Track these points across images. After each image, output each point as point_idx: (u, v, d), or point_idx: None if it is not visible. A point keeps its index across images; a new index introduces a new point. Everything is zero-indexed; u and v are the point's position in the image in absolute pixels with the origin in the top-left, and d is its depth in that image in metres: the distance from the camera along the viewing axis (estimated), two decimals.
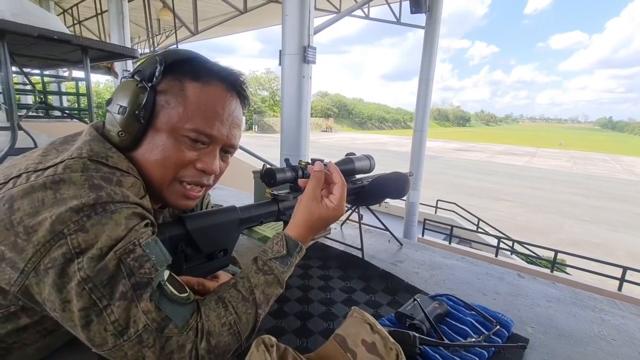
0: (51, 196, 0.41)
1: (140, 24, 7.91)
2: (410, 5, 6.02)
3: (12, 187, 0.42)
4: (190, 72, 0.53)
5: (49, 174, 0.43)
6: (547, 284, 0.96)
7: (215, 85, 0.54)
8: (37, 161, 0.46)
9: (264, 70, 66.53)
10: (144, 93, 0.50)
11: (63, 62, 2.52)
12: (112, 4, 5.29)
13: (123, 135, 0.51)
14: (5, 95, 1.83)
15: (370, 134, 66.89)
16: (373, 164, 1.03)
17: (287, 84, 3.33)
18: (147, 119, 0.51)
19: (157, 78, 0.51)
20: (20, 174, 0.44)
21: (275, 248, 0.57)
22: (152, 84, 0.51)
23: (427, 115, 6.94)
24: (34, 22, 1.68)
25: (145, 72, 0.52)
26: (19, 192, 0.42)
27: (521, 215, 13.03)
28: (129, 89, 0.51)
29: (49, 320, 0.47)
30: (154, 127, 0.52)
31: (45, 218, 0.40)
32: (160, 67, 0.51)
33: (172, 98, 0.52)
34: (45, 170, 0.44)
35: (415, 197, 7.02)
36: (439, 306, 0.71)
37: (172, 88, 0.52)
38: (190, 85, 0.52)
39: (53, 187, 0.42)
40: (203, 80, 0.53)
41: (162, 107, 0.52)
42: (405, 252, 1.13)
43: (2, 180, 0.44)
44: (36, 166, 0.45)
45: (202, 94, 0.53)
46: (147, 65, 0.52)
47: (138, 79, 0.51)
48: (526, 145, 53.99)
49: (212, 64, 0.56)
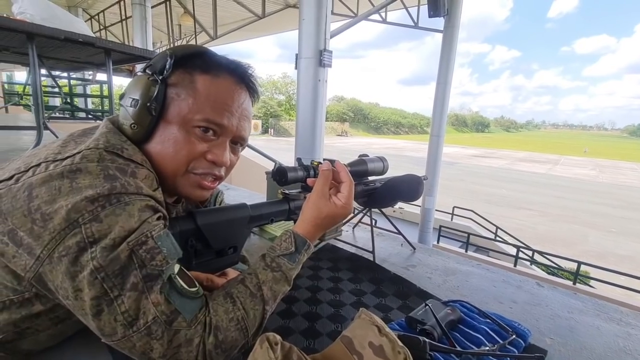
0: (67, 185, 0.42)
1: (162, 29, 8.17)
2: (429, 9, 5.96)
3: (32, 176, 0.44)
4: (200, 65, 0.54)
5: (67, 164, 0.44)
6: (568, 294, 0.91)
7: (224, 78, 0.55)
8: (56, 151, 0.47)
9: (281, 74, 67.40)
10: (155, 86, 0.51)
11: (88, 64, 2.62)
12: (136, 10, 5.48)
13: (135, 128, 0.52)
14: (33, 96, 1.92)
15: (386, 139, 66.46)
16: (386, 166, 1.02)
17: (302, 88, 3.35)
18: (159, 112, 0.52)
19: (167, 71, 0.52)
20: (39, 163, 0.45)
21: (284, 245, 0.57)
22: (163, 76, 0.52)
23: (444, 120, 6.83)
24: (61, 26, 1.75)
25: (157, 66, 0.53)
26: (37, 180, 0.43)
27: (542, 224, 12.59)
28: (140, 82, 0.52)
29: (61, 308, 0.48)
30: (165, 119, 0.53)
31: (61, 206, 0.41)
32: (170, 60, 0.52)
33: (183, 90, 0.52)
34: (64, 160, 0.45)
35: (430, 203, 6.90)
36: (452, 312, 0.69)
37: (182, 81, 0.53)
38: (200, 78, 0.53)
39: (70, 175, 0.43)
40: (212, 72, 0.54)
41: (172, 100, 0.52)
42: (418, 256, 1.10)
43: (23, 168, 0.45)
44: (55, 156, 0.46)
45: (212, 86, 0.53)
46: (159, 60, 0.53)
47: (149, 73, 0.52)
48: (548, 152, 52.30)
49: (221, 57, 0.56)
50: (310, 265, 0.95)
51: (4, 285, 0.45)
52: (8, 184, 0.44)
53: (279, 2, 8.04)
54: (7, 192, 0.43)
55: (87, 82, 5.07)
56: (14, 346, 0.49)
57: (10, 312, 0.46)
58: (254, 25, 8.16)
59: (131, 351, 0.43)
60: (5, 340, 0.47)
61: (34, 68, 1.75)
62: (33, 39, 1.69)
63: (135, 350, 0.43)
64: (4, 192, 0.43)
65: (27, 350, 0.52)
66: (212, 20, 6.90)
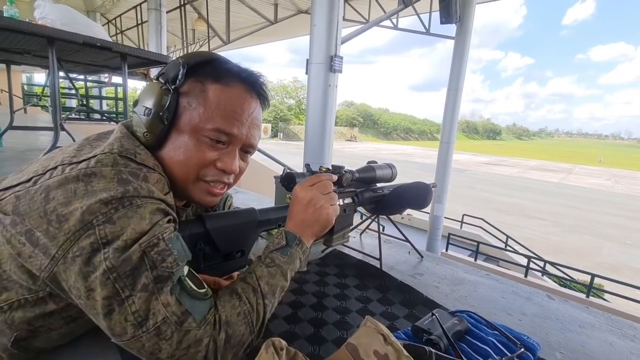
0: (83, 188, 0.44)
1: (177, 34, 8.34)
2: (441, 16, 5.95)
3: (49, 178, 0.45)
4: (212, 74, 0.55)
5: (82, 167, 0.45)
6: (580, 307, 0.89)
7: (235, 87, 0.56)
8: (72, 155, 0.49)
9: (292, 79, 67.90)
10: (168, 95, 0.52)
11: (104, 68, 2.69)
12: (152, 15, 5.61)
13: (148, 136, 0.53)
14: (51, 98, 1.98)
15: (396, 145, 66.16)
16: (395, 173, 1.02)
17: (312, 92, 3.37)
18: (170, 120, 0.53)
19: (180, 81, 0.53)
20: (56, 166, 0.47)
21: (276, 241, 0.60)
22: (175, 86, 0.53)
23: (455, 126, 6.78)
24: (80, 31, 1.81)
25: (169, 74, 0.54)
26: (54, 183, 0.44)
27: (555, 235, 12.32)
28: (153, 91, 0.53)
29: (73, 307, 0.49)
30: (176, 128, 0.54)
31: (76, 208, 0.42)
32: (183, 70, 0.53)
33: (194, 100, 0.54)
34: (79, 164, 0.46)
35: (439, 210, 6.83)
36: (459, 323, 0.68)
37: (193, 90, 0.54)
38: (212, 87, 0.54)
39: (85, 179, 0.44)
40: (223, 81, 0.55)
41: (184, 109, 0.54)
42: (426, 265, 1.09)
43: (41, 171, 0.47)
44: (71, 159, 0.47)
45: (223, 95, 0.54)
46: (171, 68, 0.54)
47: (162, 82, 0.54)
48: (562, 161, 51.28)
49: (232, 66, 0.57)
50: (316, 270, 0.95)
51: (19, 285, 0.46)
52: (26, 186, 0.46)
53: (291, 7, 8.15)
54: (25, 193, 0.45)
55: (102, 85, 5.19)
56: (27, 344, 0.50)
57: (25, 310, 0.47)
58: (266, 30, 8.28)
59: (140, 351, 0.44)
60: (20, 337, 0.49)
61: (53, 71, 1.81)
62: (53, 43, 1.75)
63: (144, 350, 0.44)
64: (22, 193, 0.45)
65: (40, 348, 0.53)
66: (225, 26, 7.02)
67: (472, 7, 6.32)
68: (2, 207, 0.45)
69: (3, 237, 0.45)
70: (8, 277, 0.46)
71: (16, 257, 0.45)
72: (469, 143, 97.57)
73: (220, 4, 7.40)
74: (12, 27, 1.55)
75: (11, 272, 0.46)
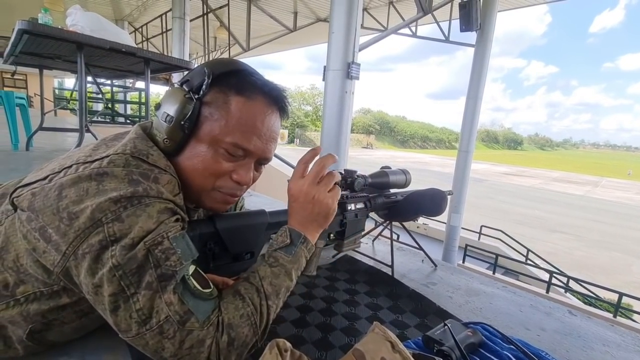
0: (94, 187, 0.45)
1: (199, 41, 8.59)
2: (461, 24, 5.89)
3: (63, 176, 0.46)
4: (236, 85, 0.54)
5: (95, 167, 0.47)
6: (604, 325, 0.84)
7: (258, 100, 0.55)
8: (87, 154, 0.50)
9: (309, 86, 68.62)
10: (191, 104, 0.52)
11: (129, 72, 2.80)
12: (176, 23, 5.81)
13: (168, 143, 0.54)
14: (79, 101, 2.07)
15: (412, 153, 65.41)
16: (409, 179, 1.00)
17: (329, 99, 3.38)
18: (191, 129, 0.53)
19: (204, 91, 0.53)
20: (71, 164, 0.48)
21: (280, 239, 0.58)
22: (199, 96, 0.53)
23: (474, 135, 6.64)
24: (108, 37, 1.89)
25: (193, 82, 0.54)
26: (67, 181, 0.45)
27: (579, 250, 11.78)
28: (176, 98, 0.53)
29: (85, 302, 0.50)
30: (196, 136, 0.54)
31: (87, 206, 0.43)
32: (207, 80, 0.52)
33: (216, 111, 0.53)
34: (92, 163, 0.47)
35: (456, 220, 6.67)
36: (473, 335, 0.65)
37: (216, 101, 0.53)
38: (235, 99, 0.54)
39: (97, 178, 0.45)
40: (247, 94, 0.54)
41: (205, 119, 0.53)
42: (440, 274, 1.06)
43: (57, 169, 0.48)
44: (85, 158, 0.49)
45: (245, 108, 0.54)
46: (196, 76, 0.54)
47: (186, 90, 0.54)
48: (587, 173, 49.24)
49: (256, 78, 0.56)
50: (326, 275, 0.94)
51: (35, 278, 0.48)
52: (42, 183, 0.47)
53: (310, 16, 8.27)
54: (40, 190, 0.46)
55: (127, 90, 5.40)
56: (41, 336, 0.52)
57: (39, 303, 0.49)
58: (285, 38, 8.43)
59: (144, 348, 0.44)
60: (34, 330, 0.50)
61: (81, 74, 1.89)
62: (82, 48, 1.84)
63: (148, 347, 0.44)
64: (37, 190, 0.46)
65: (53, 342, 0.54)
66: (245, 33, 7.19)
67: (493, 14, 6.22)
68: (19, 203, 0.47)
69: (20, 232, 0.47)
70: (25, 271, 0.48)
71: (31, 252, 0.46)
72: (489, 153, 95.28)
73: (242, 13, 7.59)
74: (46, 32, 1.64)
75: (27, 266, 0.47)
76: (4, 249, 0.48)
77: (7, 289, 0.48)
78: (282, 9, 7.97)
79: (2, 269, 0.48)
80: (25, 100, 2.95)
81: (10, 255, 0.48)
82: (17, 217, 0.47)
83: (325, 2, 7.20)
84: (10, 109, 2.57)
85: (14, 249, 0.48)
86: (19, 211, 0.47)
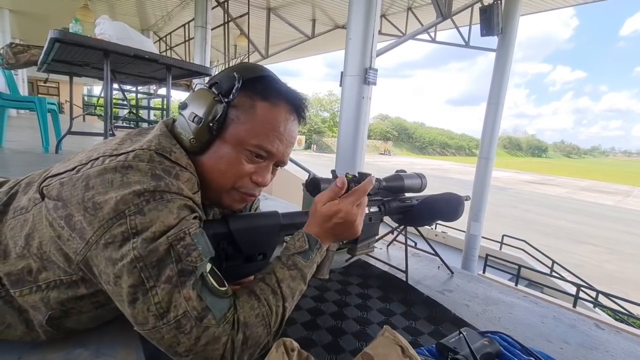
0: (119, 179, 0.47)
1: (219, 49, 8.84)
2: (481, 28, 5.79)
3: (90, 168, 0.49)
4: (262, 91, 0.57)
5: (121, 160, 0.49)
6: (633, 340, 0.79)
7: (281, 107, 0.58)
8: (113, 147, 0.52)
9: (327, 92, 69.01)
10: (220, 107, 0.55)
11: (152, 79, 2.91)
12: (198, 32, 6.00)
13: (194, 142, 0.56)
14: (105, 106, 2.16)
15: (431, 159, 64.35)
16: (424, 183, 0.98)
17: (346, 104, 3.38)
18: (219, 131, 0.55)
19: (234, 95, 0.55)
20: (98, 157, 0.50)
21: (297, 244, 0.58)
22: (228, 100, 0.55)
23: (495, 142, 6.46)
24: (133, 45, 1.98)
25: (223, 85, 0.56)
26: (94, 172, 0.48)
27: (610, 263, 11.17)
28: (206, 100, 0.55)
29: (102, 293, 0.52)
30: (221, 138, 0.56)
31: (111, 197, 0.45)
32: (238, 84, 0.55)
33: (242, 114, 0.56)
34: (119, 156, 0.50)
35: (477, 229, 6.48)
36: (489, 344, 0.62)
37: (243, 105, 0.56)
38: (260, 104, 0.56)
39: (122, 171, 0.47)
40: (272, 100, 0.57)
41: (232, 121, 0.56)
42: (457, 281, 1.03)
43: (85, 161, 0.51)
44: (112, 152, 0.51)
45: (269, 113, 0.57)
46: (225, 80, 0.57)
47: (215, 92, 0.56)
48: (618, 182, 46.85)
49: (280, 85, 0.60)
50: (339, 279, 0.93)
51: (57, 266, 0.50)
52: (70, 174, 0.50)
53: (328, 23, 8.35)
54: (68, 180, 0.49)
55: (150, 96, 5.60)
56: (59, 323, 0.54)
57: (59, 291, 0.51)
58: (303, 45, 8.54)
59: (159, 342, 0.45)
60: (53, 316, 0.52)
61: (107, 80, 1.98)
62: (108, 56, 1.93)
63: (163, 342, 0.45)
64: (66, 180, 0.49)
65: (70, 329, 0.57)
66: (265, 41, 7.33)
67: (516, 19, 6.07)
68: (48, 192, 0.49)
69: (46, 220, 0.49)
70: (48, 258, 0.50)
71: (56, 239, 0.48)
72: (511, 160, 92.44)
73: (261, 21, 7.76)
74: (75, 40, 1.73)
75: (51, 253, 0.49)
76: (30, 236, 0.51)
77: (31, 274, 0.50)
78: (300, 17, 8.09)
79: (28, 254, 0.50)
80: (56, 106, 3.11)
81: (35, 241, 0.50)
82: (45, 205, 0.50)
83: (344, 9, 7.26)
84: (43, 114, 2.72)
85: (38, 236, 0.50)
86: (47, 200, 0.49)
